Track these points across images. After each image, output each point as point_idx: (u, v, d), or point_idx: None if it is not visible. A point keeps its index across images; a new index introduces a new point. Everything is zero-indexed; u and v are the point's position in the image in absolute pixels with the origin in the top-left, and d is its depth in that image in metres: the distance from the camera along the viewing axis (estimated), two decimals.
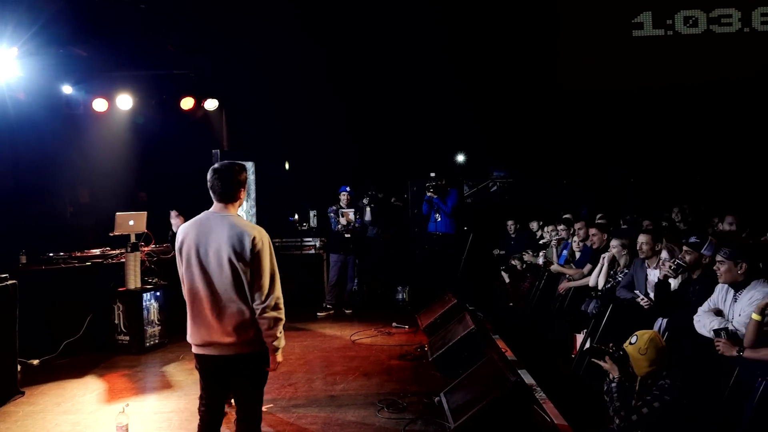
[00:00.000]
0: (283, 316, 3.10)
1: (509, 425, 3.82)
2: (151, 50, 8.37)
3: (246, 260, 3.03)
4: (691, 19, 11.42)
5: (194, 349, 3.19)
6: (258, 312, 3.05)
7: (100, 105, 8.34)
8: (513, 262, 8.47)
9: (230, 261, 3.03)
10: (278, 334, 3.10)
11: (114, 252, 7.06)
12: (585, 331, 5.61)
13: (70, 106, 8.21)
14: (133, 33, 8.13)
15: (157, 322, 6.56)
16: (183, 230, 3.19)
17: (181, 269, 3.18)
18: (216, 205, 3.19)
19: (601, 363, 3.55)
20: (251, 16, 9.38)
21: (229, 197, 3.17)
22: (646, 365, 3.37)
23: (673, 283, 4.68)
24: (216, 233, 3.08)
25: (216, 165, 3.21)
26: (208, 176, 3.17)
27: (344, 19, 10.05)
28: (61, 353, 6.20)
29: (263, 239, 3.10)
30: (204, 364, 3.18)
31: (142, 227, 6.72)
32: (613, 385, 3.44)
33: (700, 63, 11.20)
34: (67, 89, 8.05)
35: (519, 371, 4.93)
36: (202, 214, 3.21)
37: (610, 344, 3.60)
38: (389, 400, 4.74)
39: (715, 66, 11.08)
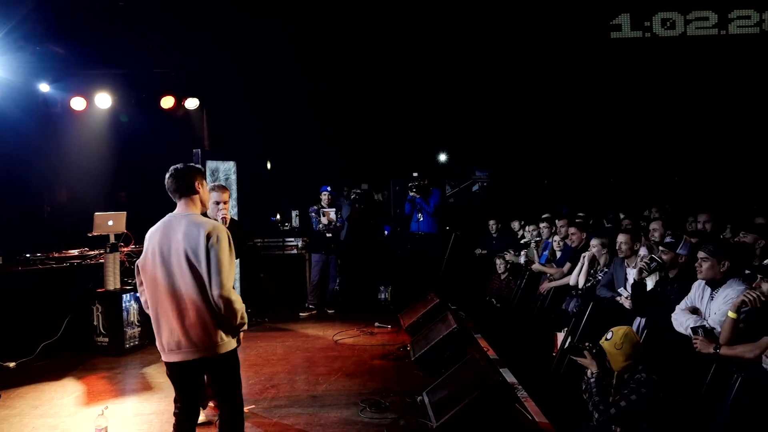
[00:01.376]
0: (241, 305, 3.10)
1: (491, 423, 3.85)
2: (130, 48, 8.26)
3: (200, 257, 2.99)
4: (669, 21, 11.60)
5: (162, 356, 3.21)
6: (222, 308, 3.00)
7: (78, 103, 8.23)
8: (507, 257, 8.37)
9: (188, 260, 3.01)
10: (244, 320, 3.14)
11: (93, 252, 6.98)
12: (566, 329, 5.67)
13: (48, 105, 8.09)
14: (112, 31, 8.03)
15: (136, 324, 6.48)
16: (150, 234, 3.18)
17: (143, 275, 3.17)
18: (178, 206, 3.19)
19: (580, 359, 3.59)
20: (232, 15, 9.31)
21: (184, 191, 3.14)
22: (623, 360, 3.43)
23: (650, 282, 4.75)
24: (175, 233, 3.07)
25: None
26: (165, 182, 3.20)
27: (327, 18, 10.02)
28: (39, 355, 6.11)
29: (219, 234, 3.02)
30: (172, 371, 3.20)
31: (122, 227, 6.64)
32: (592, 380, 3.48)
33: (678, 63, 11.36)
34: (45, 87, 7.92)
35: (501, 370, 4.98)
36: (167, 216, 3.19)
37: (587, 342, 3.65)
38: (372, 399, 4.74)
39: (692, 66, 11.25)
